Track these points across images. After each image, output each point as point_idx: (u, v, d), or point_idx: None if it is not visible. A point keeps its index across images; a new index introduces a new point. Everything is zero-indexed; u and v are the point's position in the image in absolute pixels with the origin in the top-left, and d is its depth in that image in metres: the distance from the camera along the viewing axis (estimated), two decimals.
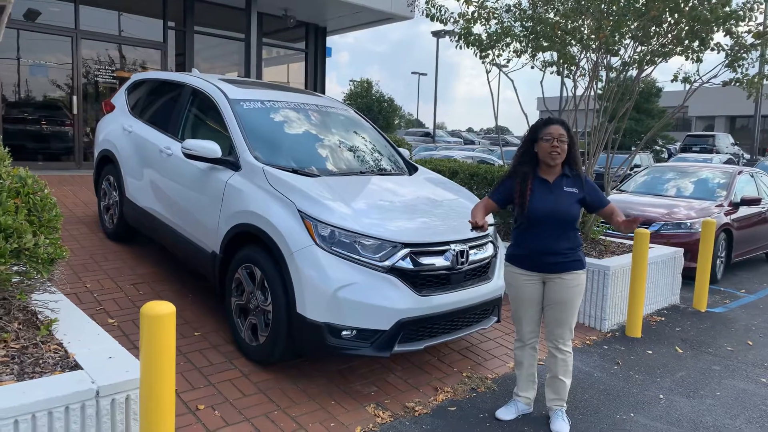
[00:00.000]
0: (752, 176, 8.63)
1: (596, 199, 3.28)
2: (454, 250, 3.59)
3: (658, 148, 25.22)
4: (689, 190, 8.39)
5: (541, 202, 3.16)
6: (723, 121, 41.54)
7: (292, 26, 11.54)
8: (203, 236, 4.20)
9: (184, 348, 3.83)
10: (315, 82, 12.73)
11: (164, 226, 4.74)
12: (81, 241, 5.60)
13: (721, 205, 7.61)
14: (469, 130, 59.51)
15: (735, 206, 7.72)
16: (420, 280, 3.47)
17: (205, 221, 4.16)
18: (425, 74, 48.65)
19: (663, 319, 5.53)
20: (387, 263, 3.38)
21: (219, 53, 11.83)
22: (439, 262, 3.54)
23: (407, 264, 3.42)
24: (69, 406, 2.13)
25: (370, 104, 36.91)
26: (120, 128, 5.57)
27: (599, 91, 6.26)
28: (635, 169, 14.40)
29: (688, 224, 7.00)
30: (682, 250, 6.12)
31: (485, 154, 19.93)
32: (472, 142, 35.83)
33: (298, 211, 3.49)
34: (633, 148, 23.76)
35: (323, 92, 12.90)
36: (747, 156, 25.47)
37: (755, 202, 7.97)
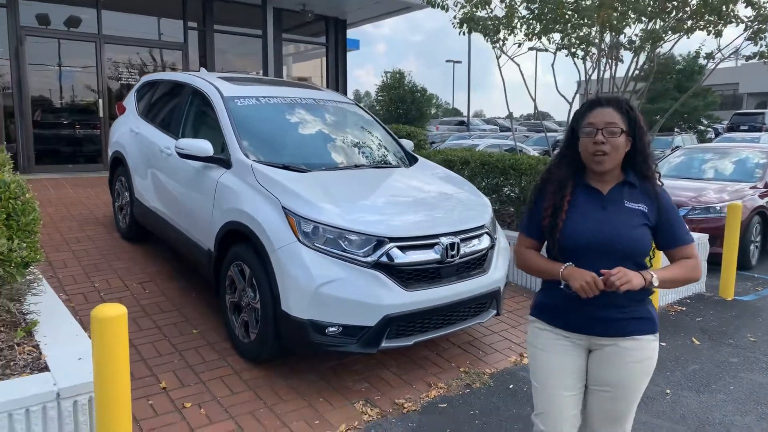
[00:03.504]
0: None
1: (670, 233, 2.03)
2: (443, 243, 3.49)
3: (702, 128, 24.05)
4: (724, 171, 7.97)
5: (583, 223, 2.01)
6: None
7: (310, 20, 11.54)
8: (200, 234, 4.23)
9: (180, 345, 3.88)
10: (336, 75, 12.69)
11: (168, 225, 4.81)
12: (96, 241, 5.75)
13: (755, 187, 7.19)
14: (509, 116, 58.46)
15: None
16: (407, 275, 3.39)
17: (200, 219, 4.20)
18: (459, 62, 48.12)
19: (684, 308, 5.27)
20: (371, 258, 3.31)
21: (241, 51, 11.93)
22: (427, 255, 3.45)
23: (393, 259, 3.34)
24: (29, 408, 2.15)
25: (402, 95, 36.60)
26: (129, 130, 5.68)
27: (637, 72, 6.00)
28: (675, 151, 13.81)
29: (718, 208, 6.64)
30: (707, 235, 5.81)
31: (518, 141, 19.43)
32: (508, 129, 35.15)
33: (283, 207, 3.46)
34: (676, 130, 22.80)
35: (345, 85, 12.84)
36: None
37: None
